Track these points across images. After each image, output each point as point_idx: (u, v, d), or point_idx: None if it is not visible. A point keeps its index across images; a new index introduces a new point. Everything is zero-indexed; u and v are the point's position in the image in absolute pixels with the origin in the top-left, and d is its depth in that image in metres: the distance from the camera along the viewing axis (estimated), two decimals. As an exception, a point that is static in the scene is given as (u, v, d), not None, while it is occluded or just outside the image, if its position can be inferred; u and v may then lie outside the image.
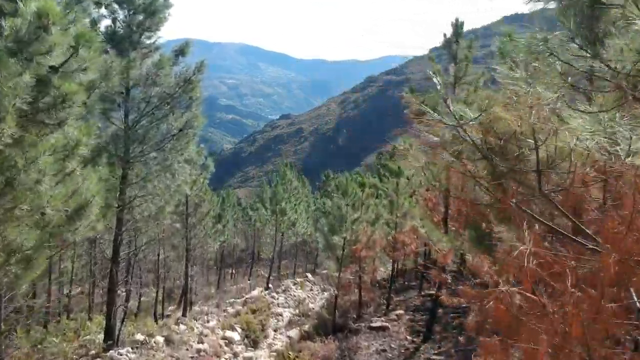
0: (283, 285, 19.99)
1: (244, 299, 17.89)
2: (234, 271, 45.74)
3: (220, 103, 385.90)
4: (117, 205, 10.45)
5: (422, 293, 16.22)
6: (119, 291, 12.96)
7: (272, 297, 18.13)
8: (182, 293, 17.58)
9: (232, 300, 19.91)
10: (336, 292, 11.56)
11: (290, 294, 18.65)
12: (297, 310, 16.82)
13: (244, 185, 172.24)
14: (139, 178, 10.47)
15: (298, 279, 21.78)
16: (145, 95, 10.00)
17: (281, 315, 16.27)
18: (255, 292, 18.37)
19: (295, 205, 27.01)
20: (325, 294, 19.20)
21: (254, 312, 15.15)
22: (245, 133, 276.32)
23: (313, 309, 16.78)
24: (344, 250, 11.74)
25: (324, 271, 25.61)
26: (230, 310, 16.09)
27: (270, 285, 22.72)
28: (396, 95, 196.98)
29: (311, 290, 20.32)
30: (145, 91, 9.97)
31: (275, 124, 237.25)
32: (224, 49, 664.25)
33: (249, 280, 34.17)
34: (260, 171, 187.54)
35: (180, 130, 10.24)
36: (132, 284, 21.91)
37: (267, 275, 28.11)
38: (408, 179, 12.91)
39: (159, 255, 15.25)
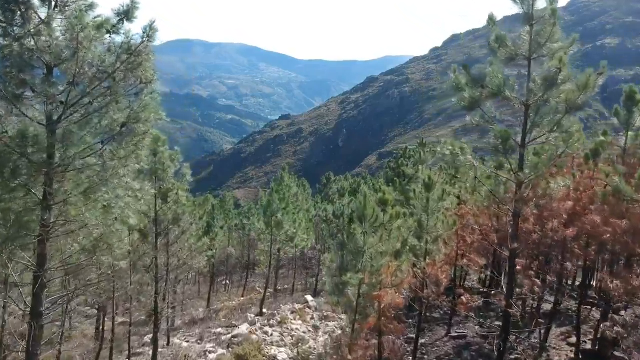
0: (279, 315, 16.74)
1: (229, 335, 14.62)
2: (228, 281, 42.48)
3: (219, 103, 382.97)
4: (36, 235, 7.26)
5: (453, 334, 13.02)
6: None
7: (265, 332, 14.89)
8: (154, 326, 14.33)
9: (218, 330, 16.72)
10: (350, 358, 8.38)
11: (287, 328, 15.42)
12: (295, 351, 13.59)
13: (243, 186, 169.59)
14: (68, 195, 7.24)
15: (297, 306, 18.52)
16: (70, 75, 6.77)
17: (275, 358, 13.05)
18: (243, 328, 15.12)
19: (294, 214, 23.70)
20: (330, 326, 16.00)
21: (239, 359, 11.92)
22: (244, 133, 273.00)
23: (315, 350, 13.55)
24: (359, 296, 8.52)
25: (326, 288, 22.33)
26: (211, 355, 12.85)
27: (264, 310, 19.48)
28: (396, 95, 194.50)
29: (312, 318, 17.10)
30: (69, 69, 6.72)
31: (275, 125, 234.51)
32: (223, 49, 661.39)
33: (242, 296, 30.86)
34: (260, 172, 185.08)
35: (123, 125, 6.98)
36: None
37: (262, 292, 24.91)
38: (459, 197, 9.65)
39: (114, 292, 11.95)
